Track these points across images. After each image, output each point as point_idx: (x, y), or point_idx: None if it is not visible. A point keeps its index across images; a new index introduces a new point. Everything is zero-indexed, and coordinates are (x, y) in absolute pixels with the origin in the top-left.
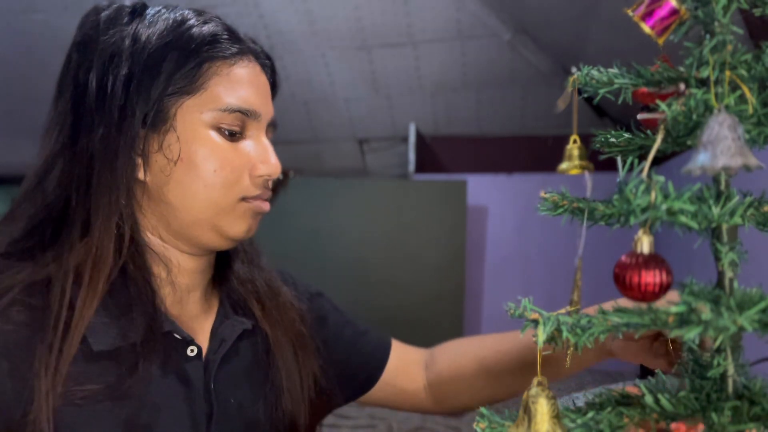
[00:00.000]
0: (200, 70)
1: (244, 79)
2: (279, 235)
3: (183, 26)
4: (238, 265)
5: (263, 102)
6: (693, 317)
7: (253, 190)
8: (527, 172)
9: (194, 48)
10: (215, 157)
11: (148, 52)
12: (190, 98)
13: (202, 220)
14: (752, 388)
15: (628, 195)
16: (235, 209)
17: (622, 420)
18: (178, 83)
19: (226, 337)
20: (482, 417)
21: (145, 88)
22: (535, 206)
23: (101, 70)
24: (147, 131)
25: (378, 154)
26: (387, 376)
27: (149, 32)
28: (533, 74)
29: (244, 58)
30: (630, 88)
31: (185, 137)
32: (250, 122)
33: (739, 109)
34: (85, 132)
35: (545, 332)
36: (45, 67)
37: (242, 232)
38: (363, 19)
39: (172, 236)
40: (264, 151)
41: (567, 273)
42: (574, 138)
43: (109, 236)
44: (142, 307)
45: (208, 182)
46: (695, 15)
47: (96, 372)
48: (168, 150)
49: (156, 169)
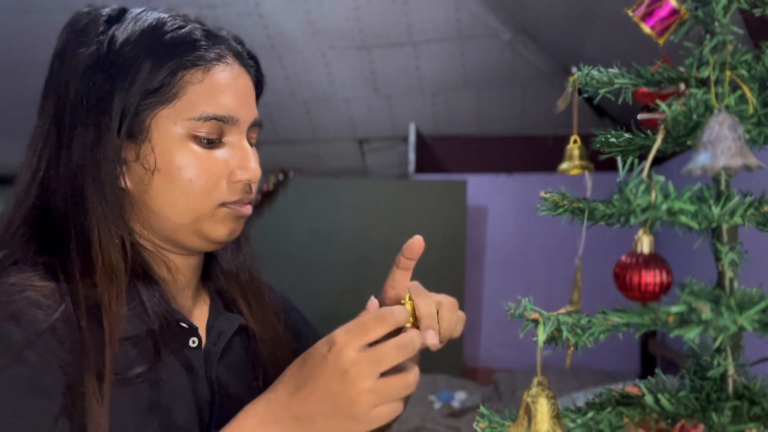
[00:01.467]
0: (174, 78)
1: (221, 85)
2: (279, 235)
3: (157, 32)
4: (223, 262)
5: (243, 105)
6: (693, 317)
7: (232, 196)
8: (527, 172)
9: (168, 56)
10: (191, 166)
11: (122, 61)
12: (164, 108)
13: (184, 226)
14: (752, 388)
15: (628, 195)
16: (215, 215)
17: (622, 420)
18: (153, 93)
19: (224, 330)
20: (482, 417)
21: (119, 99)
22: (535, 206)
23: (78, 81)
24: (124, 141)
25: (378, 154)
26: None
27: (123, 39)
28: (533, 74)
29: (222, 62)
30: (630, 88)
31: (161, 147)
32: (228, 128)
33: (739, 109)
34: (65, 146)
35: (545, 332)
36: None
37: (224, 235)
38: (363, 19)
39: (160, 240)
40: (243, 156)
41: (567, 273)
42: (574, 138)
43: (112, 243)
44: (154, 297)
45: (185, 191)
46: (695, 15)
47: (122, 357)
48: (145, 160)
49: (136, 178)
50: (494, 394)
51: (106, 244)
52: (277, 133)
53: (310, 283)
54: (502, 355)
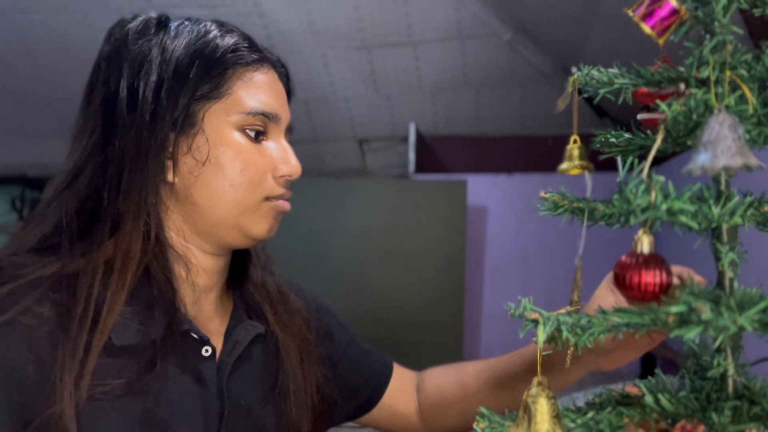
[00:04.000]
0: (225, 76)
1: (265, 85)
2: (279, 235)
3: (207, 36)
4: (252, 269)
5: (282, 106)
6: (693, 317)
7: (277, 190)
8: (527, 172)
9: (218, 56)
10: (241, 158)
11: (177, 61)
12: (216, 103)
13: (227, 219)
14: (752, 388)
15: (628, 195)
16: (260, 209)
17: (622, 420)
18: (205, 89)
19: (240, 340)
20: (482, 417)
21: (174, 94)
22: (535, 206)
23: (131, 77)
24: (176, 135)
25: (378, 154)
26: (386, 398)
27: (176, 42)
28: (533, 74)
29: (263, 65)
30: (630, 88)
31: (213, 140)
32: (271, 125)
33: (739, 109)
34: (117, 135)
35: (545, 332)
36: (43, 68)
37: (264, 231)
38: (363, 19)
39: (196, 236)
40: (285, 152)
41: (567, 273)
42: (574, 138)
43: (137, 234)
44: (163, 305)
45: (234, 182)
46: (695, 15)
47: (116, 367)
48: (197, 152)
49: (184, 170)
50: None
51: (132, 232)
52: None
53: (310, 283)
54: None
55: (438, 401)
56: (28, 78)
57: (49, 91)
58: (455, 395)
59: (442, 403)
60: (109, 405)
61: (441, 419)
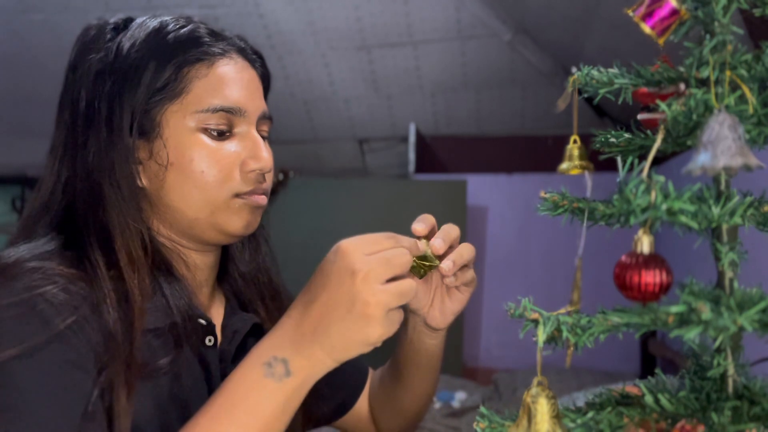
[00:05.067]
0: (179, 74)
1: (227, 78)
2: (279, 235)
3: (160, 34)
4: (241, 264)
5: (249, 97)
6: (693, 317)
7: (246, 186)
8: (527, 172)
9: (171, 54)
10: (203, 158)
11: (128, 64)
12: (173, 103)
13: (200, 219)
14: (752, 388)
15: (628, 195)
16: (230, 206)
17: (622, 420)
18: (160, 91)
19: (239, 329)
20: (482, 417)
21: (128, 100)
22: (535, 206)
23: (89, 88)
24: (137, 140)
25: (378, 154)
26: (360, 402)
27: (129, 45)
28: (533, 74)
29: (225, 56)
30: (630, 88)
31: (173, 142)
32: (236, 119)
33: (739, 109)
34: (81, 149)
35: (545, 332)
36: (44, 68)
37: (241, 228)
38: (363, 19)
39: (178, 235)
40: (254, 147)
41: (567, 273)
42: (574, 138)
43: (134, 241)
44: (176, 292)
45: (198, 183)
46: (695, 15)
47: (145, 348)
48: (158, 156)
49: (151, 175)
50: (494, 394)
51: (126, 239)
52: (277, 133)
53: None
54: (502, 355)
55: (372, 403)
56: (28, 77)
57: (50, 91)
58: (379, 395)
59: (373, 404)
60: (140, 383)
61: (378, 419)
